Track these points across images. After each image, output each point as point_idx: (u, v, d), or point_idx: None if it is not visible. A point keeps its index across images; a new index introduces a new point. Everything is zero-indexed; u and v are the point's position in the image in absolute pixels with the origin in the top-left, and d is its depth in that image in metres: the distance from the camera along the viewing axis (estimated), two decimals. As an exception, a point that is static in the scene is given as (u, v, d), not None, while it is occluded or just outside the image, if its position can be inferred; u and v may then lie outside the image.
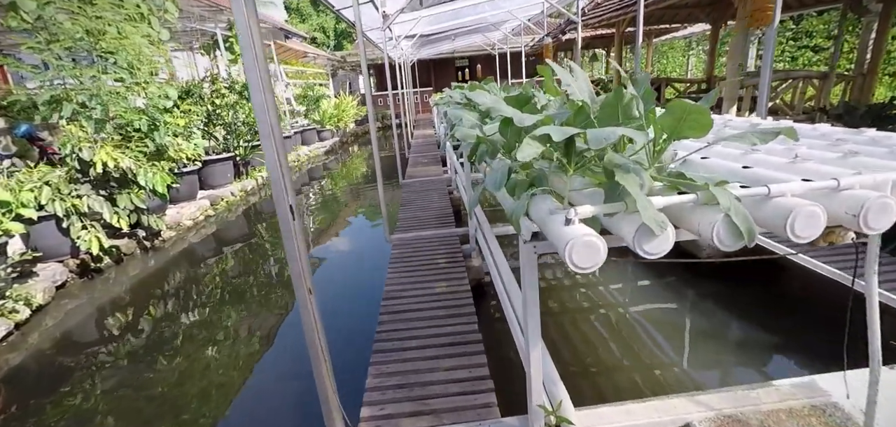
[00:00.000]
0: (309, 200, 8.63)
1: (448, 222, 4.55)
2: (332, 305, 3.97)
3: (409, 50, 14.23)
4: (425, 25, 10.28)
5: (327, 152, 14.36)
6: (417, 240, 4.07)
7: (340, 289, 4.43)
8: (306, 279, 1.48)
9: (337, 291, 4.36)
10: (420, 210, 5.04)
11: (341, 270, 5.02)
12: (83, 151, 4.73)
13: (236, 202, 8.12)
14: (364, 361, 2.47)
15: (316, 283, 1.53)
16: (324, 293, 4.33)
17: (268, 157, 1.34)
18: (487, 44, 17.29)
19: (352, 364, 2.84)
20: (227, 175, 8.24)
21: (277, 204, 1.40)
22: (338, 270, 5.04)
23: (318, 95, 14.42)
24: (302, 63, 19.09)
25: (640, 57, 4.67)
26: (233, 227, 7.21)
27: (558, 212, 1.12)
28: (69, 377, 3.36)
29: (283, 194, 1.39)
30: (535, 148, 1.17)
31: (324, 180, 10.92)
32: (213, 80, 7.72)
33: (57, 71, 5.04)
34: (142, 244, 5.72)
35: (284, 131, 12.08)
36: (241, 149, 8.70)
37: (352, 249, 5.64)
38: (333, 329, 3.58)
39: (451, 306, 2.88)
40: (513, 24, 13.00)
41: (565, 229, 1.02)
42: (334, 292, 4.35)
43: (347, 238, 6.19)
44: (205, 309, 4.39)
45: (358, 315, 3.75)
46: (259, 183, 9.25)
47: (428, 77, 24.48)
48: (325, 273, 4.96)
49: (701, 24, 11.28)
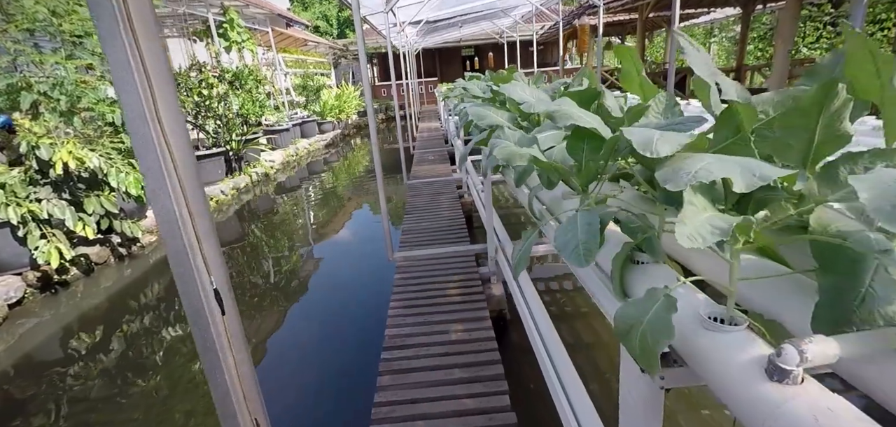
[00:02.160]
0: (309, 196, 8.02)
1: (460, 236, 3.92)
2: (320, 355, 3.32)
3: (414, 38, 13.51)
4: (431, 11, 9.58)
5: (328, 145, 13.72)
6: (425, 261, 3.44)
7: (331, 327, 3.76)
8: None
9: (326, 331, 3.71)
10: (427, 220, 4.40)
11: (336, 293, 4.39)
12: (41, 149, 4.12)
13: (227, 201, 7.52)
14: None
15: (306, 308, 0.98)
16: (311, 327, 3.73)
17: (160, 213, 0.72)
18: (496, 31, 16.51)
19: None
20: (219, 171, 7.63)
21: (183, 291, 0.78)
22: (332, 295, 4.42)
23: (319, 85, 13.76)
24: (302, 52, 18.39)
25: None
26: (223, 229, 6.61)
27: (736, 334, 0.50)
28: (18, 413, 2.79)
29: (193, 273, 0.76)
30: (712, 220, 0.53)
31: (323, 174, 10.31)
32: (201, 69, 7.07)
33: (14, 57, 4.42)
34: (116, 252, 5.13)
35: (282, 123, 11.45)
36: (233, 143, 8.08)
37: (350, 262, 5.02)
38: (312, 389, 2.99)
39: (469, 363, 2.25)
40: (523, 9, 12.26)
41: (771, 390, 0.40)
42: (321, 334, 3.72)
43: (345, 247, 5.57)
44: (187, 324, 3.82)
45: (351, 368, 3.06)
46: (253, 179, 8.64)
47: (433, 67, 23.73)
48: (316, 300, 4.35)
49: (727, 9, 10.50)
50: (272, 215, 7.11)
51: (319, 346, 3.34)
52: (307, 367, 3.10)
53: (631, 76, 1.29)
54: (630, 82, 1.29)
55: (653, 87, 1.24)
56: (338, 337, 3.44)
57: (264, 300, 4.19)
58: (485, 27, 16.24)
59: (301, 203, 7.81)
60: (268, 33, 13.13)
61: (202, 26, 10.16)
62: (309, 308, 3.96)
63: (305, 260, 5.07)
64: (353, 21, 2.96)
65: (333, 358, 3.16)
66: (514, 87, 1.79)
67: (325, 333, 3.52)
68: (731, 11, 10.90)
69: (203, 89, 6.98)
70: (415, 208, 4.85)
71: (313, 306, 3.99)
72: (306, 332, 3.58)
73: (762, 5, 8.23)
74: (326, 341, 3.41)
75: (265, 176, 9.20)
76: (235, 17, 9.89)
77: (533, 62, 12.96)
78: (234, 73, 7.76)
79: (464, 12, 11.59)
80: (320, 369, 3.05)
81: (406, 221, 4.43)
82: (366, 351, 3.08)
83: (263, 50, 15.04)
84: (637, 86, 1.29)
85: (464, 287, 3.05)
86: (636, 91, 1.30)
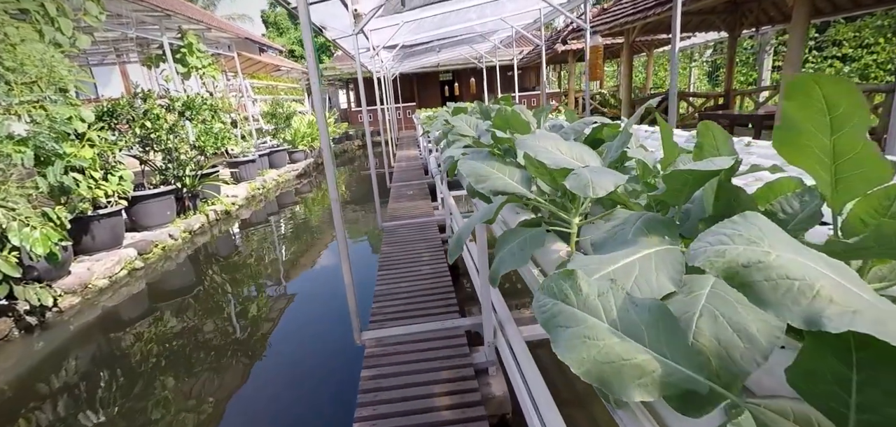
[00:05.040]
0: (273, 235, 7.14)
1: (446, 301, 3.17)
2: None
3: (390, 63, 12.94)
4: (407, 35, 9.02)
5: (300, 176, 12.86)
6: (402, 343, 2.69)
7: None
8: None
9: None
10: (406, 279, 3.65)
11: (289, 391, 3.57)
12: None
13: (177, 247, 6.58)
14: None
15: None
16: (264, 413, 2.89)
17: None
18: (474, 56, 16.16)
19: None
20: (167, 213, 6.70)
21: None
22: (285, 391, 3.59)
23: (289, 112, 12.95)
24: (274, 77, 17.61)
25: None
26: (171, 279, 5.69)
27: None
28: None
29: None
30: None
31: (294, 208, 9.44)
32: (146, 97, 6.22)
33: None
34: (23, 322, 4.18)
35: (247, 154, 10.58)
36: (187, 179, 7.18)
37: (312, 338, 4.17)
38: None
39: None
40: (503, 34, 11.86)
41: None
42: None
43: (306, 311, 4.75)
44: (111, 408, 3.00)
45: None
46: (211, 219, 7.72)
47: (411, 92, 23.28)
48: (260, 404, 3.51)
49: (710, 34, 10.36)
50: (227, 261, 6.22)
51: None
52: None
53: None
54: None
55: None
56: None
57: (236, 349, 3.32)
58: (463, 52, 15.86)
59: (263, 244, 6.94)
60: (234, 59, 12.33)
61: (155, 52, 9.31)
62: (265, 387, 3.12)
63: (252, 330, 4.22)
64: (330, 47, 2.26)
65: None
66: (538, 141, 1.10)
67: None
68: (712, 36, 10.78)
69: (147, 120, 6.11)
70: (391, 261, 4.10)
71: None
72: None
73: (756, 30, 7.99)
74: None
75: (226, 213, 8.29)
76: (195, 41, 9.08)
77: (511, 87, 12.54)
78: (185, 101, 6.91)
79: (442, 37, 11.11)
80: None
81: (380, 282, 3.66)
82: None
83: (231, 76, 14.20)
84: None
85: (453, 384, 2.31)
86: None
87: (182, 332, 4.17)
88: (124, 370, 3.62)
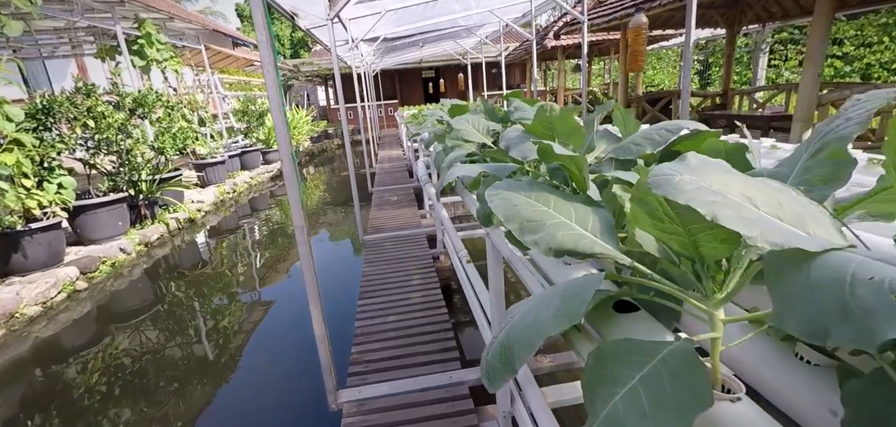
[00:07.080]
0: (243, 244, 6.43)
1: (444, 347, 2.58)
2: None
3: (371, 58, 12.25)
4: (389, 26, 8.39)
5: (274, 177, 12.06)
6: (390, 407, 2.10)
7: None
8: None
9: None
10: (393, 310, 3.05)
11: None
12: None
13: (130, 262, 5.82)
14: None
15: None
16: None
17: None
18: (459, 52, 15.58)
19: None
20: (118, 223, 5.93)
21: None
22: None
23: (263, 110, 12.12)
24: (246, 73, 16.66)
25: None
26: (122, 300, 4.95)
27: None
28: None
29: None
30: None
31: (267, 212, 8.70)
32: (89, 93, 5.42)
33: None
34: (-78, 366, 3.43)
35: (216, 155, 9.76)
36: (143, 184, 6.40)
37: (277, 399, 3.56)
38: None
39: None
40: (490, 28, 11.34)
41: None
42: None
43: (271, 358, 4.11)
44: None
45: None
46: (172, 229, 6.95)
47: (393, 89, 22.58)
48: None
49: (704, 31, 10.07)
50: (187, 277, 5.50)
51: None
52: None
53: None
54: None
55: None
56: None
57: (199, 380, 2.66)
58: (447, 47, 15.28)
59: (232, 255, 6.24)
60: (201, 52, 11.45)
61: (107, 43, 8.42)
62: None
63: (197, 387, 3.57)
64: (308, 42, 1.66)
65: None
66: (700, 176, 0.54)
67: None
68: (706, 33, 10.50)
69: (89, 119, 5.33)
70: (374, 286, 3.50)
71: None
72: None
73: (763, 26, 7.67)
74: None
75: (190, 221, 7.52)
76: (153, 31, 8.24)
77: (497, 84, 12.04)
78: (136, 97, 6.12)
79: (425, 30, 10.52)
80: None
81: (361, 315, 3.05)
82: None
83: (198, 71, 13.25)
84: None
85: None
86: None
87: (149, 349, 3.48)
88: (75, 390, 2.93)
